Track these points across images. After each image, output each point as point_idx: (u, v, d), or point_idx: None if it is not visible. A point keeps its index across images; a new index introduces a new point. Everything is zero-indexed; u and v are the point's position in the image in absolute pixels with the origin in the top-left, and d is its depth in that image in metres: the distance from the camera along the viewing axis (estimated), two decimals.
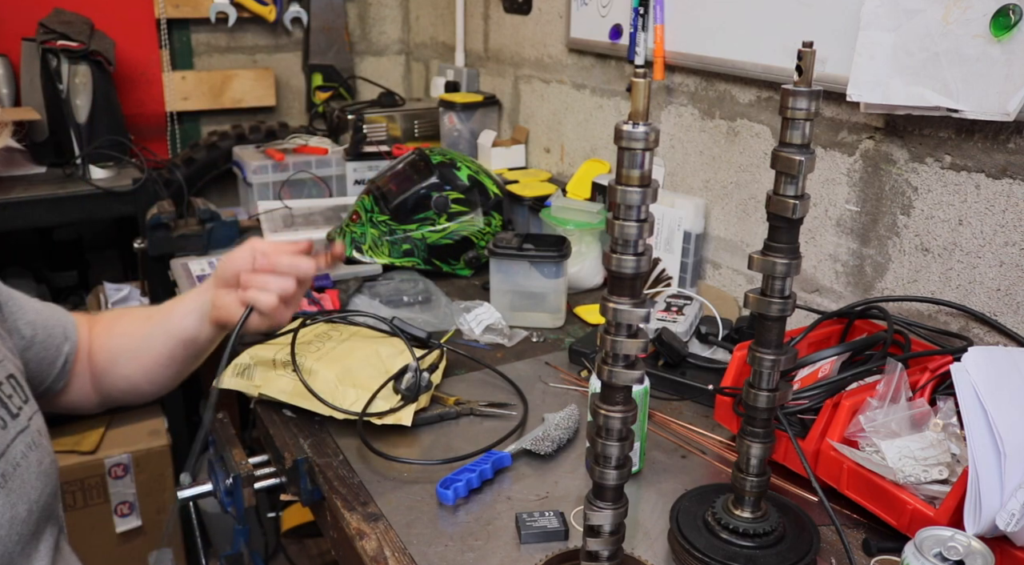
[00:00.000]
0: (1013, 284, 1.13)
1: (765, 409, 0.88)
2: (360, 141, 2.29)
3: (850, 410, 1.02)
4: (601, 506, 0.78)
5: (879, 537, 0.96)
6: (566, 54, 2.02)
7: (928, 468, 0.94)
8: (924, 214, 1.23)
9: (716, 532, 0.92)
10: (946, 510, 0.89)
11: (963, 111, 1.09)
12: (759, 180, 1.51)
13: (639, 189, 0.68)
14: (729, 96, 1.55)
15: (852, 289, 1.37)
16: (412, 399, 1.20)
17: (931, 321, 1.23)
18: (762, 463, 0.90)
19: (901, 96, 1.15)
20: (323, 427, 1.20)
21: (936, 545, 0.77)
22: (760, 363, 0.86)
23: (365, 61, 2.82)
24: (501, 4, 2.25)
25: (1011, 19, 1.01)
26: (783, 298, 0.83)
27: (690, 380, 1.31)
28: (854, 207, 1.34)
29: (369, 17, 2.80)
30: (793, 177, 0.79)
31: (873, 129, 1.29)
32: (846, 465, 0.99)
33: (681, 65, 1.62)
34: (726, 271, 1.62)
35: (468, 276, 1.80)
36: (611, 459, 0.77)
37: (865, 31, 1.18)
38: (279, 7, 2.56)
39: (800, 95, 0.76)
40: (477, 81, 2.46)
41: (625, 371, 0.73)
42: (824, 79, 1.25)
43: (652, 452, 1.15)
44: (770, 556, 0.90)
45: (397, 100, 2.43)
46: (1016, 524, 0.80)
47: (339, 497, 1.05)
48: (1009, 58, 1.02)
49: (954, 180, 1.18)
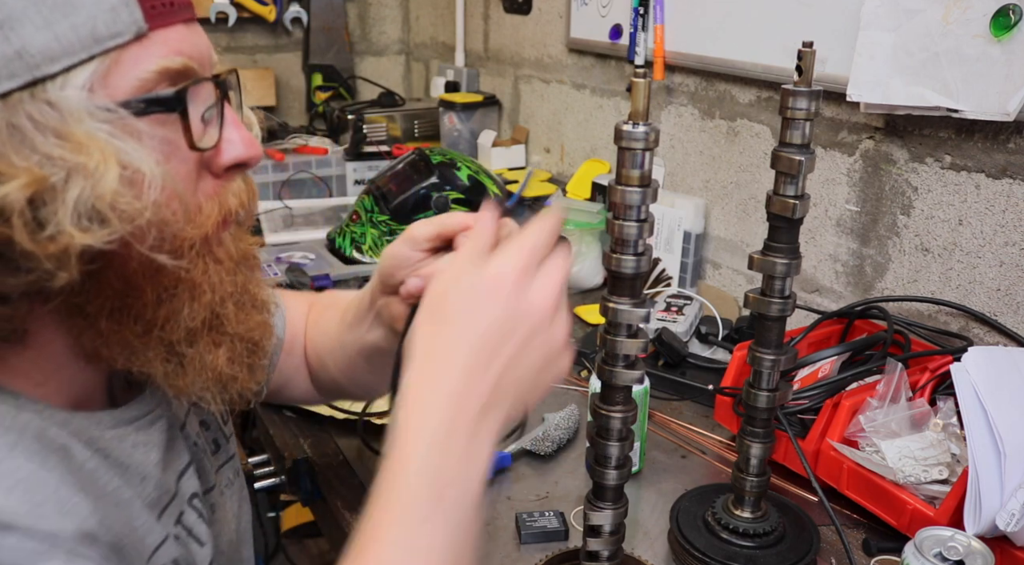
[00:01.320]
0: (1013, 284, 1.13)
1: (765, 409, 0.88)
2: (360, 141, 2.29)
3: (850, 410, 1.02)
4: (601, 506, 0.78)
5: (879, 537, 0.96)
6: (566, 54, 2.02)
7: (928, 468, 0.94)
8: (924, 214, 1.23)
9: (716, 532, 0.92)
10: (946, 510, 0.89)
11: (963, 111, 1.09)
12: (759, 180, 1.51)
13: (639, 189, 0.68)
14: (729, 96, 1.55)
15: (852, 289, 1.37)
16: None
17: (931, 321, 1.23)
18: (762, 463, 0.90)
19: (901, 96, 1.15)
20: (323, 427, 1.20)
21: (936, 545, 0.77)
22: (760, 363, 0.86)
23: (365, 61, 2.82)
24: (501, 4, 2.25)
25: (1011, 19, 1.01)
26: (783, 298, 0.83)
27: (690, 380, 1.31)
28: (854, 207, 1.34)
29: (369, 17, 2.80)
30: (793, 177, 0.79)
31: (873, 129, 1.29)
32: (846, 465, 0.99)
33: (681, 65, 1.62)
34: (726, 271, 1.62)
35: None
36: (611, 459, 0.77)
37: (865, 31, 1.18)
38: (279, 7, 2.56)
39: (800, 95, 0.76)
40: (477, 81, 2.46)
41: (625, 371, 0.73)
42: (824, 79, 1.24)
43: (652, 452, 1.15)
44: (770, 556, 0.90)
45: (397, 100, 2.43)
46: (1016, 524, 0.80)
47: (339, 497, 1.05)
48: (1009, 58, 1.02)
49: (954, 180, 1.18)
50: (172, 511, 0.69)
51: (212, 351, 0.64)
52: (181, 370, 0.63)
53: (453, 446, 0.57)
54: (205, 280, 0.62)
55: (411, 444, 0.57)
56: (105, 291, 0.58)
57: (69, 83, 0.52)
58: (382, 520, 0.56)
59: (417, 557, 0.54)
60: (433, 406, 0.58)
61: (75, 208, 0.51)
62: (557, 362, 0.63)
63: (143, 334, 0.61)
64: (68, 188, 0.51)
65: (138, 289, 0.59)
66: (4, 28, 0.49)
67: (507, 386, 0.60)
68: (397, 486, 0.56)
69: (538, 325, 0.61)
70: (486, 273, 0.61)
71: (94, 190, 0.51)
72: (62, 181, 0.51)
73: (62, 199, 0.51)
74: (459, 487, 0.57)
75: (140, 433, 0.67)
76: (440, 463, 0.56)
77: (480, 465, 0.58)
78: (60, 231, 0.51)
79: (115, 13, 0.53)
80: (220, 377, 0.66)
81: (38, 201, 0.50)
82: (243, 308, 0.67)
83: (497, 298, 0.60)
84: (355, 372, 0.93)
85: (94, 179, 0.51)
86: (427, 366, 0.60)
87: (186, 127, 0.58)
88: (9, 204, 0.49)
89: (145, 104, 0.55)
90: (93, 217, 0.52)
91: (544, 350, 0.62)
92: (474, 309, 0.60)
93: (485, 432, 0.59)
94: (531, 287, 0.61)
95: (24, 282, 0.53)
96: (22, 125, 0.50)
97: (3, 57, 0.49)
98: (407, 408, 0.59)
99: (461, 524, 0.57)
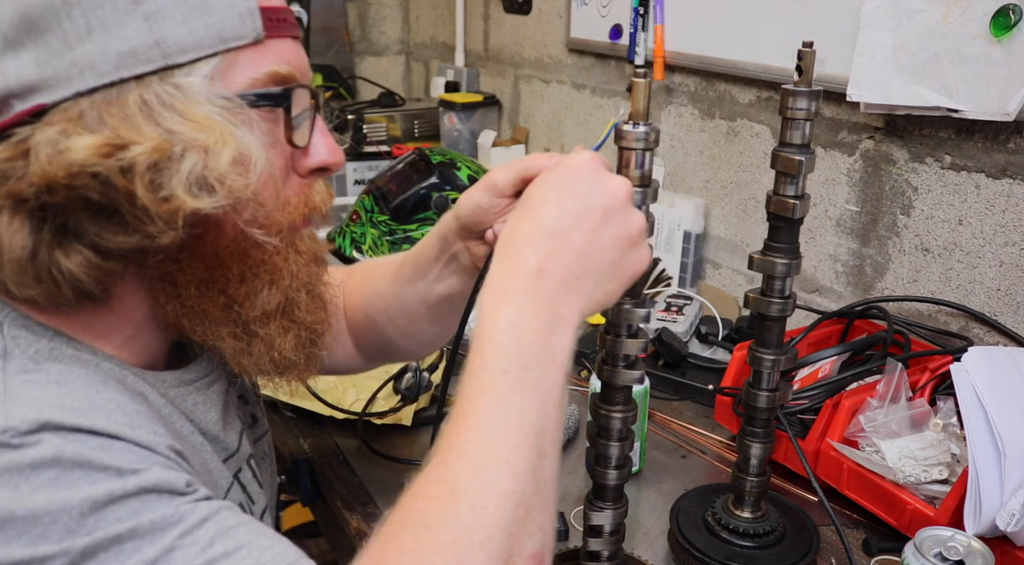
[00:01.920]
0: (1013, 284, 1.13)
1: (765, 409, 0.88)
2: (360, 141, 2.29)
3: (850, 410, 1.02)
4: (601, 506, 0.78)
5: (879, 537, 0.96)
6: (566, 54, 2.02)
7: (928, 468, 0.94)
8: (924, 214, 1.23)
9: (716, 532, 0.92)
10: (946, 510, 0.89)
11: (963, 111, 1.09)
12: (759, 180, 1.51)
13: (639, 189, 0.68)
14: (729, 96, 1.55)
15: (852, 289, 1.37)
16: (412, 399, 1.20)
17: (931, 321, 1.23)
18: (762, 463, 0.90)
19: (901, 96, 1.15)
20: (323, 427, 1.20)
21: (936, 545, 0.77)
22: (760, 363, 0.86)
23: (365, 61, 2.82)
24: (501, 4, 2.25)
25: (1011, 19, 1.01)
26: (783, 298, 0.83)
27: (690, 380, 1.31)
28: (854, 207, 1.34)
29: (369, 17, 2.80)
30: (793, 177, 0.79)
31: (873, 129, 1.29)
32: (846, 465, 0.99)
33: (681, 65, 1.62)
34: (726, 271, 1.62)
35: None
36: (611, 459, 0.77)
37: (865, 31, 1.18)
38: None
39: (800, 95, 0.76)
40: (477, 81, 2.47)
41: (625, 371, 0.73)
42: (824, 79, 1.24)
43: (652, 452, 1.15)
44: (770, 556, 0.90)
45: (397, 100, 2.43)
46: (1016, 524, 0.81)
47: (339, 497, 1.05)
48: (1009, 58, 1.02)
49: (954, 180, 1.18)
50: (232, 465, 0.74)
51: (281, 335, 0.71)
52: (249, 349, 0.70)
53: (533, 325, 0.59)
54: (285, 267, 0.69)
55: (492, 325, 0.60)
56: (197, 262, 0.65)
57: (195, 72, 0.60)
58: (469, 398, 0.58)
59: (505, 430, 0.56)
60: (513, 288, 0.61)
61: (188, 176, 0.58)
62: (635, 250, 0.66)
63: (224, 308, 0.67)
64: (184, 159, 0.58)
65: (226, 264, 0.66)
66: (150, 20, 0.57)
67: (585, 268, 0.62)
68: (481, 366, 0.58)
69: (613, 209, 0.64)
70: (564, 164, 0.66)
71: (207, 164, 0.58)
72: (180, 152, 0.58)
73: (177, 168, 0.58)
74: (541, 366, 0.59)
75: (199, 393, 0.73)
76: (521, 341, 0.59)
77: (561, 346, 0.60)
78: (173, 195, 0.57)
79: (241, 20, 0.61)
80: (283, 361, 0.71)
81: (158, 166, 0.57)
82: (313, 300, 0.73)
83: (576, 182, 0.64)
84: (415, 326, 0.95)
85: (210, 154, 0.58)
86: (507, 251, 0.63)
87: (287, 122, 0.66)
88: (136, 164, 0.56)
89: (256, 97, 0.63)
90: (203, 186, 0.58)
91: (620, 233, 0.64)
92: (553, 195, 0.64)
93: (566, 312, 0.61)
94: (607, 176, 0.65)
95: (132, 241, 0.59)
96: (151, 102, 0.58)
97: (144, 44, 0.57)
98: (488, 292, 0.62)
99: (545, 402, 0.58)
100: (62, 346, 0.62)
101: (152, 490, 0.53)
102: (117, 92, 0.57)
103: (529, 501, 0.55)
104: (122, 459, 0.54)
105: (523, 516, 0.55)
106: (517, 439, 0.56)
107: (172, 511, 0.53)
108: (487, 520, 0.53)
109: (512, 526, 0.54)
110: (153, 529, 0.52)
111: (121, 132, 0.56)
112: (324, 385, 1.22)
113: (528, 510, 0.55)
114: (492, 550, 0.52)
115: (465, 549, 0.52)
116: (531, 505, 0.55)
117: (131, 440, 0.56)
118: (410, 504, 0.55)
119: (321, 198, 0.71)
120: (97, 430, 0.55)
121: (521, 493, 0.55)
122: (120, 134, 0.56)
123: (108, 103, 0.57)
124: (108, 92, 0.57)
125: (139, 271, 0.64)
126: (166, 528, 0.52)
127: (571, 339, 0.61)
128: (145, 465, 0.55)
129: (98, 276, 0.61)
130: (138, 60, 0.57)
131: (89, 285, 0.61)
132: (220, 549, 0.53)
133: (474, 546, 0.52)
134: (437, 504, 0.54)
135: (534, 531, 0.55)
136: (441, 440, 0.57)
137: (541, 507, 0.56)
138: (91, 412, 0.56)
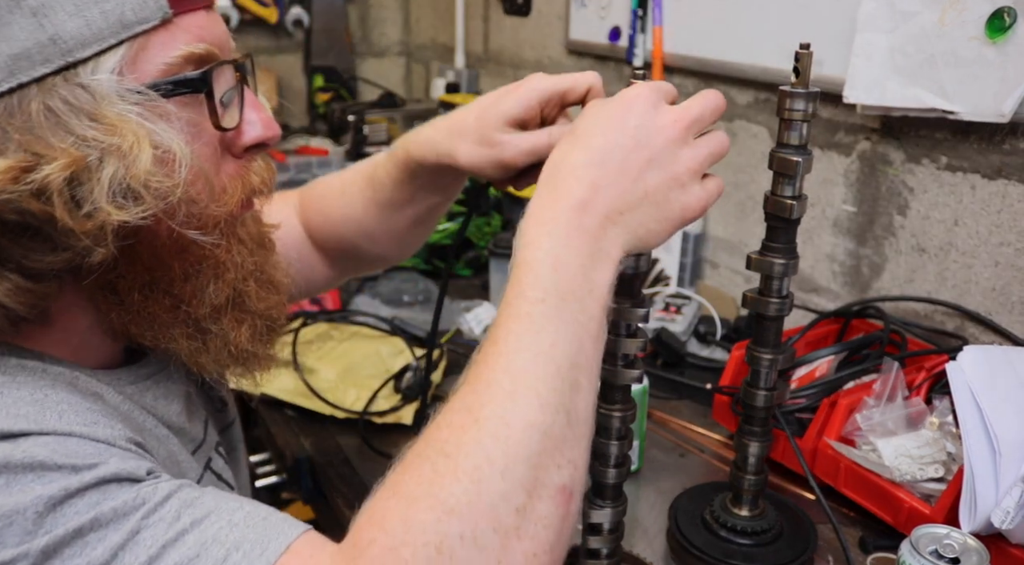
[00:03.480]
0: (1008, 284, 1.14)
1: (763, 408, 0.88)
2: (361, 142, 2.30)
3: (847, 409, 1.02)
4: (600, 504, 0.79)
5: (876, 535, 0.97)
6: (565, 55, 2.02)
7: (924, 466, 0.94)
8: (920, 214, 1.24)
9: (714, 530, 0.93)
10: (942, 508, 0.89)
11: (959, 113, 1.10)
12: (757, 180, 1.52)
13: None
14: (727, 97, 1.55)
15: (849, 289, 1.38)
16: (413, 398, 1.21)
17: (927, 321, 1.24)
18: (760, 461, 0.91)
19: (897, 97, 1.16)
20: (324, 426, 1.21)
21: (932, 543, 0.78)
22: (758, 362, 0.86)
23: (366, 62, 2.82)
24: (501, 6, 2.26)
25: (1006, 21, 1.02)
26: (781, 298, 0.84)
27: (688, 379, 1.31)
28: (851, 207, 1.35)
29: (370, 19, 2.81)
30: (791, 178, 0.80)
31: (870, 130, 1.30)
32: (843, 463, 0.99)
33: (679, 66, 1.63)
34: (724, 271, 1.63)
35: (468, 276, 1.80)
36: (610, 458, 0.77)
37: (862, 33, 1.18)
38: (281, 9, 2.56)
39: (797, 96, 0.77)
40: (477, 82, 2.47)
41: (624, 370, 0.74)
42: (821, 80, 1.25)
43: (651, 451, 1.15)
44: (768, 554, 0.90)
45: (398, 101, 2.44)
46: (1011, 522, 0.81)
47: (340, 495, 1.06)
48: (1004, 60, 1.03)
49: (950, 181, 1.19)
50: (202, 456, 0.72)
51: (236, 328, 0.67)
52: (205, 346, 0.67)
53: (573, 257, 0.57)
54: (228, 258, 0.65)
55: (532, 253, 0.58)
56: (136, 267, 0.61)
57: (100, 68, 0.54)
58: (503, 326, 0.56)
59: (535, 361, 0.54)
60: (554, 218, 0.58)
61: (110, 187, 0.53)
62: (684, 191, 0.62)
63: (172, 309, 0.64)
64: (103, 168, 0.53)
65: (166, 264, 0.62)
66: (39, 15, 0.52)
67: (629, 204, 0.60)
68: (518, 294, 0.56)
69: (664, 146, 0.61)
70: (620, 96, 0.63)
71: (128, 170, 0.54)
72: (97, 161, 0.53)
73: (97, 178, 0.53)
74: (578, 299, 0.57)
75: (159, 386, 0.70)
76: (559, 272, 0.57)
77: (601, 280, 0.58)
78: (97, 208, 0.53)
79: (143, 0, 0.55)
80: (242, 353, 0.69)
81: (75, 181, 0.52)
82: (263, 287, 0.70)
83: (627, 116, 0.61)
84: (401, 239, 0.95)
85: (128, 159, 0.54)
86: (553, 182, 0.60)
87: (211, 107, 0.60)
88: (49, 184, 0.51)
89: (172, 86, 0.57)
90: (128, 195, 0.54)
91: (668, 172, 0.61)
92: (602, 127, 0.61)
93: (607, 246, 0.59)
94: (662, 111, 0.62)
95: (62, 259, 0.55)
96: (57, 108, 0.53)
97: (38, 43, 0.52)
98: (530, 220, 0.59)
99: (581, 335, 0.56)
100: (5, 357, 0.59)
101: (112, 480, 0.52)
102: (17, 100, 0.52)
103: (559, 434, 0.53)
104: (76, 456, 0.52)
105: (551, 448, 0.52)
106: (548, 370, 0.54)
107: (134, 496, 0.52)
108: (510, 449, 0.51)
109: (537, 458, 0.51)
110: (116, 516, 0.50)
111: (28, 146, 0.51)
112: (325, 384, 1.22)
113: (557, 443, 0.52)
114: (514, 480, 0.50)
115: (485, 478, 0.50)
116: (561, 438, 0.53)
117: (86, 436, 0.54)
118: (432, 433, 0.53)
119: (261, 177, 0.67)
120: (47, 431, 0.53)
121: (549, 425, 0.52)
122: (27, 149, 0.51)
123: (9, 114, 0.52)
124: (7, 101, 0.52)
125: (76, 285, 0.60)
126: (128, 513, 0.51)
127: (612, 274, 0.59)
128: (103, 458, 0.53)
129: (30, 301, 0.57)
130: (34, 61, 0.52)
131: (22, 311, 0.57)
132: (188, 520, 0.52)
133: (495, 475, 0.50)
134: (460, 432, 0.52)
135: (563, 464, 0.53)
136: (470, 368, 0.55)
137: (573, 442, 0.54)
138: (40, 415, 0.54)
